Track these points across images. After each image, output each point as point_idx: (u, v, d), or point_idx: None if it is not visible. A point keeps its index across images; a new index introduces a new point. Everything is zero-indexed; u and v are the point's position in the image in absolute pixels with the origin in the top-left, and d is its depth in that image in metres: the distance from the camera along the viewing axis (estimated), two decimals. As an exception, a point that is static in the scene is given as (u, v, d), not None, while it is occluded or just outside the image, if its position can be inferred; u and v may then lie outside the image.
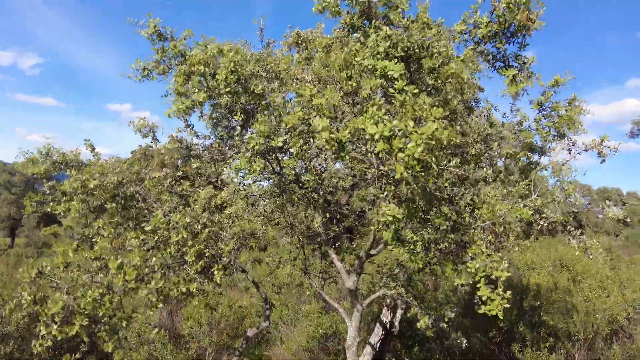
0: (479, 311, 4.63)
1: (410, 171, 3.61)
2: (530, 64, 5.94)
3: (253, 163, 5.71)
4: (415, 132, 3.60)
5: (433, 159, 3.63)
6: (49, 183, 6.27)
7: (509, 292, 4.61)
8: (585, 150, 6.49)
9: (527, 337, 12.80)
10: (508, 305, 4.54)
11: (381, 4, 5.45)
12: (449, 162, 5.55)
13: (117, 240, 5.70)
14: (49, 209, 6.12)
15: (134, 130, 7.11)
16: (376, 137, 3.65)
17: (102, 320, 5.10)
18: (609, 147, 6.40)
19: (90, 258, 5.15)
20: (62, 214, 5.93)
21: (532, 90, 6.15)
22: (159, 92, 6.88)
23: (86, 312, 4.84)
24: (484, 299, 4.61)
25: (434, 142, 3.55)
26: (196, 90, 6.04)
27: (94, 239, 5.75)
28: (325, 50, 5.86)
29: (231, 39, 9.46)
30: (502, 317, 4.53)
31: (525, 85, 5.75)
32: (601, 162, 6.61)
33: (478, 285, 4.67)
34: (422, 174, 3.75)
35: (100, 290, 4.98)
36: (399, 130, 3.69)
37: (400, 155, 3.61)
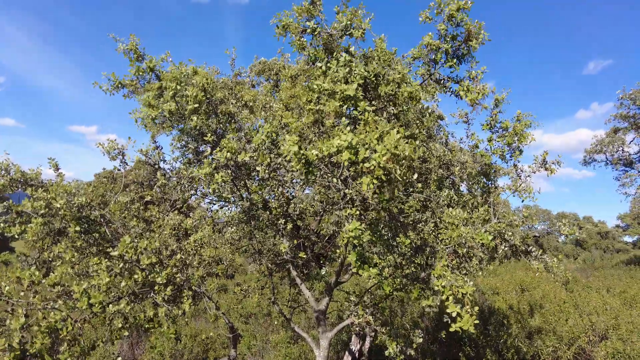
0: (450, 329, 4.68)
1: (375, 182, 3.71)
2: (482, 74, 6.27)
3: (216, 174, 5.72)
4: (380, 144, 3.75)
5: (398, 170, 3.74)
6: (4, 203, 5.96)
7: (476, 308, 4.70)
8: (534, 172, 6.90)
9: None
10: (477, 322, 4.62)
11: (339, 28, 5.71)
12: (412, 186, 5.74)
13: (79, 265, 5.48)
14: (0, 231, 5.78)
15: (102, 152, 6.98)
16: (344, 145, 3.77)
17: (60, 350, 4.83)
18: (552, 162, 6.85)
19: (48, 284, 4.90)
20: (16, 236, 5.63)
21: (482, 114, 6.45)
22: (126, 116, 6.89)
23: (47, 332, 4.59)
24: (453, 315, 4.67)
25: (398, 152, 3.68)
26: (167, 102, 6.17)
27: (53, 263, 5.49)
28: (291, 80, 6.09)
29: (205, 65, 9.63)
30: (473, 332, 4.53)
31: (481, 96, 6.06)
32: (548, 175, 7.01)
33: (447, 304, 4.75)
34: (387, 186, 3.86)
35: (63, 313, 4.76)
36: (364, 145, 3.84)
37: (366, 165, 3.73)
